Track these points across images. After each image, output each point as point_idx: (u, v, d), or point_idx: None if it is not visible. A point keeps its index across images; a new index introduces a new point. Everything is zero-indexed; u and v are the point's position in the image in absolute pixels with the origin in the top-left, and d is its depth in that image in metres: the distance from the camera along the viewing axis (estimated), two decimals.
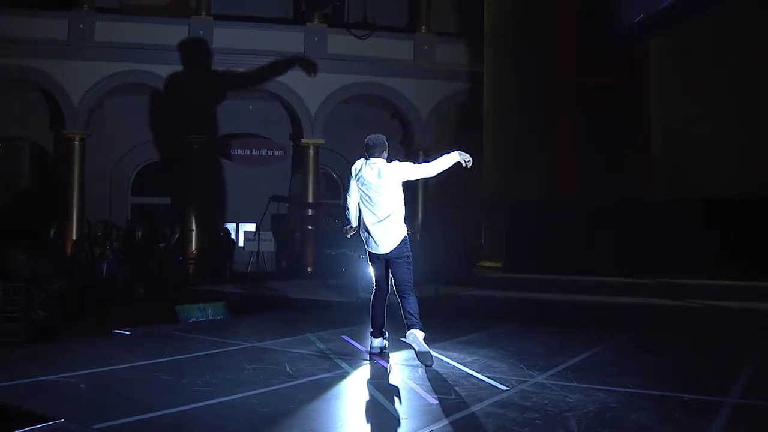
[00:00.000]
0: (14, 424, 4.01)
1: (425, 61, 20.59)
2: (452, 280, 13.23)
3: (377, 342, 6.59)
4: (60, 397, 5.02)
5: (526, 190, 13.19)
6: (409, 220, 6.72)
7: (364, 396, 5.30)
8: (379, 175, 6.45)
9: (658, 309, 9.96)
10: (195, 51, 19.43)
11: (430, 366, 6.06)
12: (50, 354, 6.85)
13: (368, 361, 6.41)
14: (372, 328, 6.60)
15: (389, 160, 6.66)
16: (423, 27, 20.89)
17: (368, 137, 6.71)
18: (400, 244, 6.42)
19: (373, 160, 6.57)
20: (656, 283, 10.74)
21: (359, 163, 6.68)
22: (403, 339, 6.34)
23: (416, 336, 6.20)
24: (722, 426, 4.44)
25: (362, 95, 20.59)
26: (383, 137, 6.72)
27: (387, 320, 6.67)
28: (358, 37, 18.10)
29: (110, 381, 5.60)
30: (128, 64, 19.10)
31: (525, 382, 5.55)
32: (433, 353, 6.26)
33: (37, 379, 5.48)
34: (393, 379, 5.68)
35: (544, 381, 5.59)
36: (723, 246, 10.40)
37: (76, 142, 19.13)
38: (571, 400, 4.94)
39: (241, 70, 19.51)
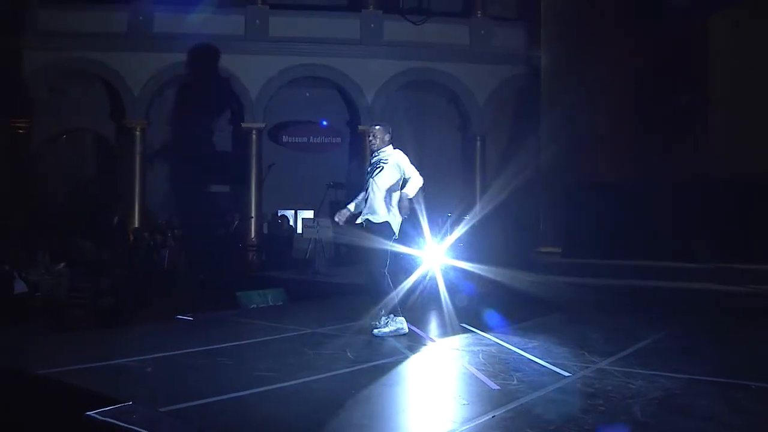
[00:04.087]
0: (85, 406, 4.11)
1: (481, 45, 20.40)
2: (512, 265, 13.13)
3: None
4: (127, 381, 5.13)
5: (584, 173, 13.03)
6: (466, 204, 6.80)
7: (426, 381, 5.30)
8: None
9: (719, 294, 9.76)
10: (252, 40, 19.60)
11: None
12: (116, 339, 6.98)
13: (428, 347, 6.42)
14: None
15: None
16: (478, 11, 20.68)
17: None
18: None
19: None
20: (718, 268, 10.52)
21: None
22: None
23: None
24: None
25: (418, 81, 20.51)
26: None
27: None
28: (414, 23, 18.05)
29: (175, 365, 5.70)
30: (186, 55, 19.34)
31: (587, 368, 5.49)
32: (494, 339, 6.23)
33: (104, 363, 5.59)
34: (454, 365, 5.66)
35: (606, 367, 5.52)
36: None
37: (137, 132, 19.52)
38: (634, 387, 4.87)
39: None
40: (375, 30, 20.09)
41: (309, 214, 19.77)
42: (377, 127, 7.07)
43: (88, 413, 4.03)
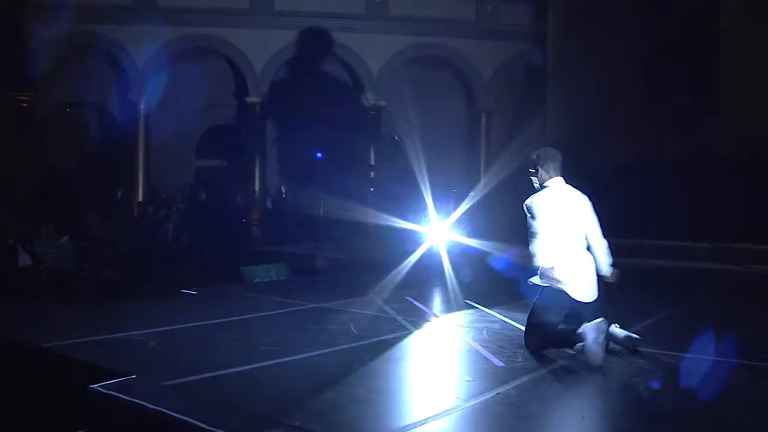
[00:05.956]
0: (89, 380, 4.11)
1: (487, 21, 20.24)
2: (516, 242, 13.11)
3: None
4: (131, 354, 5.15)
5: (590, 152, 12.98)
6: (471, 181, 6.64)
7: (430, 357, 5.30)
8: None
9: (725, 274, 9.72)
10: (256, 14, 19.46)
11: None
12: (120, 313, 7.01)
13: (432, 323, 6.41)
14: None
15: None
16: None
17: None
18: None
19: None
20: (723, 247, 10.46)
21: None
22: None
23: None
24: None
25: (424, 56, 20.36)
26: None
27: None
28: None
29: (178, 339, 5.72)
30: (190, 28, 19.22)
31: None
32: (499, 316, 6.21)
33: (108, 336, 5.62)
34: (458, 342, 5.64)
35: (611, 345, 5.49)
36: None
37: (141, 105, 19.41)
38: (640, 365, 4.87)
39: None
40: (381, 4, 19.89)
41: None
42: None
43: (91, 386, 4.04)
